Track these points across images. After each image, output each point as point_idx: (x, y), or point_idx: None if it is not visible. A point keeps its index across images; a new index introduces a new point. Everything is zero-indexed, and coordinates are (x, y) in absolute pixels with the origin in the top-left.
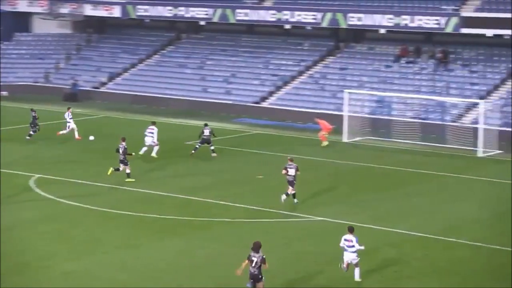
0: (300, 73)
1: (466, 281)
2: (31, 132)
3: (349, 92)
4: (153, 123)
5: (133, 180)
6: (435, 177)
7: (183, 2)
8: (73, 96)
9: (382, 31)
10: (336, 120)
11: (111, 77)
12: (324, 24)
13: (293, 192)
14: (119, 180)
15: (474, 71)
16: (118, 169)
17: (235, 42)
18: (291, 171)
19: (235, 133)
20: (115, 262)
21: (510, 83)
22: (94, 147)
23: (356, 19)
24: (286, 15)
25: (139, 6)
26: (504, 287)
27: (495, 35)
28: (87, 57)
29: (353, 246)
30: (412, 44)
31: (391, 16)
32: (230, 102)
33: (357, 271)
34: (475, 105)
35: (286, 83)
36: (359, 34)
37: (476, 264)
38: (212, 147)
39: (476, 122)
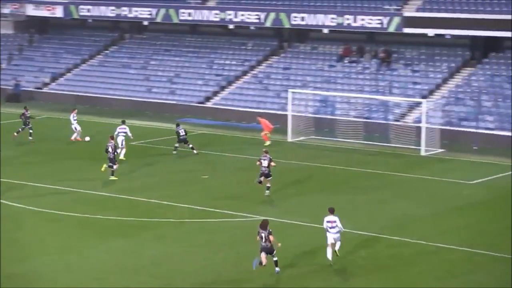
0: (244, 73)
1: (409, 279)
2: (30, 131)
3: (293, 92)
4: (123, 122)
5: (116, 178)
6: (378, 175)
7: (126, 2)
8: (15, 97)
9: (325, 31)
10: (280, 120)
11: (54, 78)
12: (268, 24)
13: (268, 184)
14: (62, 181)
15: (416, 70)
16: (111, 166)
17: (178, 42)
18: (265, 163)
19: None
20: (60, 264)
21: (451, 82)
22: (38, 148)
23: (299, 19)
24: (229, 15)
25: (81, 6)
26: (447, 285)
27: (437, 35)
28: (29, 58)
29: (336, 226)
30: (355, 43)
31: (334, 16)
32: (174, 102)
33: (337, 247)
34: (417, 104)
35: (230, 83)
36: (303, 34)
37: (419, 262)
38: (191, 145)
39: (418, 121)
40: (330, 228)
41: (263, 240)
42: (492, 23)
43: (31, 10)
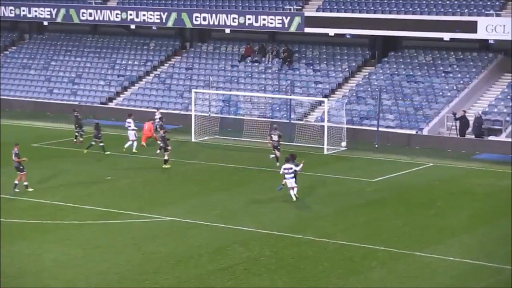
0: (147, 73)
1: (313, 276)
2: (76, 134)
3: (196, 92)
4: (130, 115)
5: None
6: (281, 175)
7: (25, 2)
8: None
9: (227, 30)
10: (184, 120)
11: None
12: (170, 24)
13: (278, 154)
14: None
15: (318, 69)
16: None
17: (80, 43)
18: (275, 137)
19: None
20: None
21: (352, 81)
22: None
23: (201, 19)
24: (131, 15)
25: None
26: (349, 283)
27: (337, 35)
28: None
29: (292, 172)
30: (257, 43)
31: (235, 15)
32: (77, 103)
33: (294, 191)
34: (320, 103)
35: (132, 83)
36: (205, 34)
37: (322, 260)
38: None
39: (321, 120)
40: (287, 174)
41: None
42: (391, 23)
43: None
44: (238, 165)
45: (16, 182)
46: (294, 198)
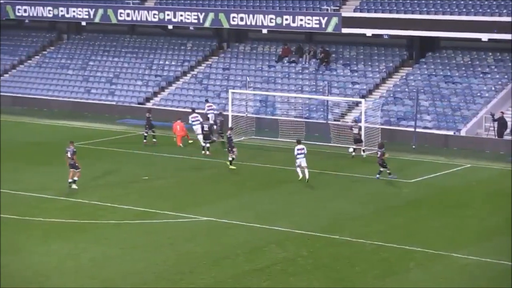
0: (184, 73)
1: (350, 277)
2: (145, 135)
3: (233, 92)
4: (193, 111)
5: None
6: (318, 175)
7: (64, 2)
8: None
9: (264, 31)
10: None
11: None
12: (207, 24)
13: (356, 147)
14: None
15: (355, 70)
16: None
17: (117, 43)
18: (355, 130)
19: (119, 134)
20: None
21: (390, 82)
22: None
23: (238, 19)
24: (168, 15)
25: (18, 7)
26: (385, 284)
27: (374, 35)
28: None
29: (303, 153)
30: (294, 44)
31: (272, 16)
32: (114, 103)
33: (306, 171)
34: (357, 104)
35: (169, 83)
36: (242, 34)
37: (358, 260)
38: (208, 145)
39: (358, 120)
40: (299, 154)
41: (379, 155)
42: (429, 23)
43: None
44: (275, 165)
45: (71, 180)
46: (301, 176)
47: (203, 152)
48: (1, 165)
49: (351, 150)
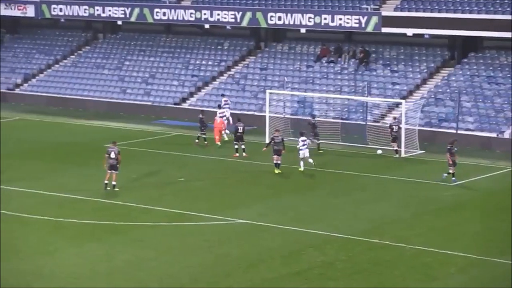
0: (221, 73)
1: (390, 282)
2: (199, 136)
3: (271, 93)
4: (222, 95)
5: (280, 171)
6: (357, 177)
7: (100, 1)
8: None
9: (303, 30)
10: (258, 121)
11: (26, 78)
12: (244, 23)
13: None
14: (34, 184)
15: (395, 70)
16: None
17: (153, 42)
18: (395, 128)
19: (155, 135)
20: (31, 268)
21: (431, 82)
22: (8, 151)
23: (276, 19)
24: (205, 14)
25: (54, 6)
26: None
27: (415, 35)
28: (0, 58)
29: (306, 144)
30: (333, 43)
31: (311, 15)
32: (150, 103)
33: (311, 160)
34: (397, 105)
35: (206, 83)
36: (280, 34)
37: (398, 265)
38: (243, 146)
39: (398, 122)
40: (303, 146)
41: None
42: (471, 23)
43: (1, 10)
44: (312, 167)
45: (107, 181)
46: (302, 168)
47: (237, 154)
48: (35, 165)
49: (379, 152)
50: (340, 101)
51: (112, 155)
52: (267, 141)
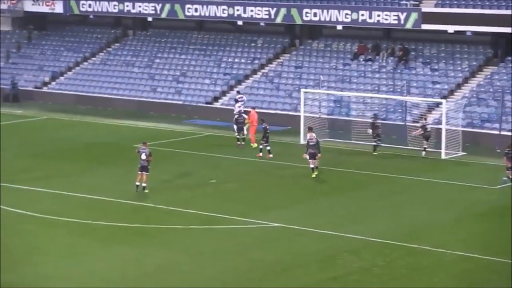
0: (254, 71)
1: None
2: (238, 137)
3: (306, 92)
4: (238, 92)
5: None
6: (395, 180)
7: None
8: (13, 97)
9: (339, 27)
10: (293, 121)
11: (54, 76)
12: (278, 20)
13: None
14: (62, 185)
15: (436, 69)
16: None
17: (185, 39)
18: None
19: (186, 135)
20: (59, 272)
21: (473, 81)
22: (35, 151)
23: (311, 15)
24: (238, 10)
25: (82, 2)
26: None
27: (457, 32)
28: (28, 56)
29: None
30: (371, 41)
31: (348, 11)
32: (181, 102)
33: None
34: (437, 104)
35: (239, 82)
36: (315, 31)
37: (438, 271)
38: (269, 148)
39: (438, 122)
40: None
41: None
42: None
43: (29, 6)
44: (348, 169)
45: (138, 182)
46: (313, 165)
47: (270, 155)
48: (63, 166)
49: (424, 153)
50: (378, 100)
51: (143, 156)
52: (302, 142)
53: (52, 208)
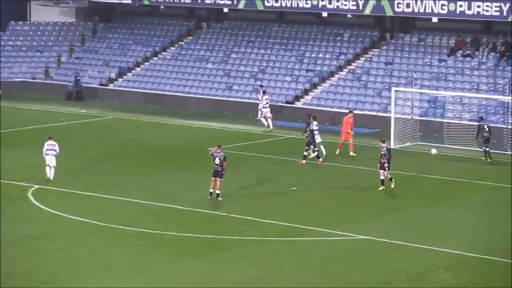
0: (340, 68)
1: None
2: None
3: (397, 90)
4: (261, 86)
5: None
6: (495, 189)
7: None
8: (77, 95)
9: (435, 19)
10: (382, 123)
11: (121, 73)
12: (367, 11)
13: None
14: (130, 192)
15: None
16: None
17: (263, 33)
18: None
19: (265, 138)
20: (126, 286)
21: None
22: (100, 153)
23: (404, 6)
24: (323, 1)
25: None
26: None
27: None
28: (92, 50)
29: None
30: (470, 34)
31: (444, 2)
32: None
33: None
34: None
35: (323, 79)
36: (408, 23)
37: None
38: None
39: None
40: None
41: None
42: None
43: None
44: (444, 176)
45: (212, 189)
46: (324, 152)
47: (317, 156)
48: (131, 170)
49: (434, 152)
50: (477, 101)
51: (217, 161)
52: (392, 146)
53: (117, 216)
